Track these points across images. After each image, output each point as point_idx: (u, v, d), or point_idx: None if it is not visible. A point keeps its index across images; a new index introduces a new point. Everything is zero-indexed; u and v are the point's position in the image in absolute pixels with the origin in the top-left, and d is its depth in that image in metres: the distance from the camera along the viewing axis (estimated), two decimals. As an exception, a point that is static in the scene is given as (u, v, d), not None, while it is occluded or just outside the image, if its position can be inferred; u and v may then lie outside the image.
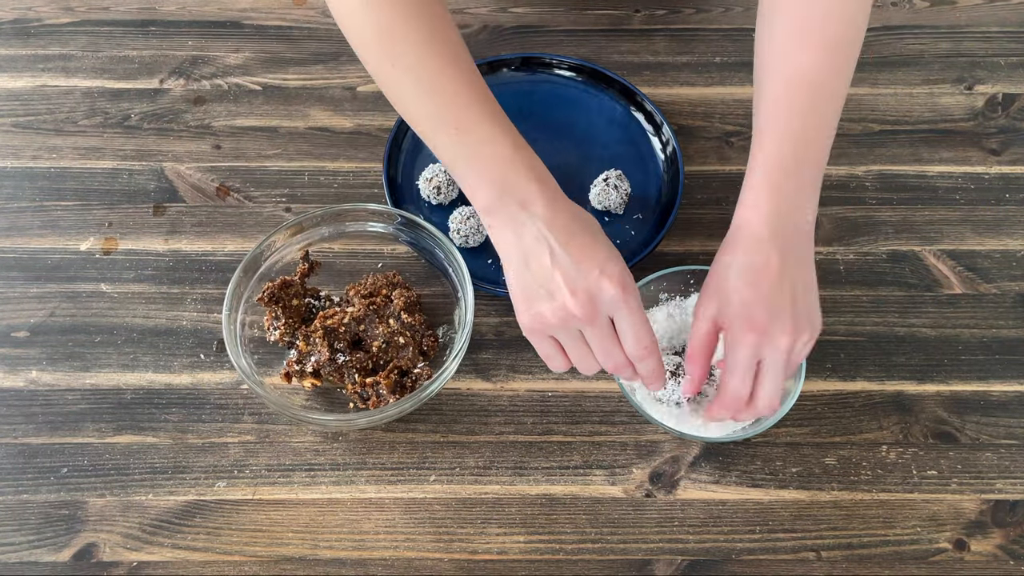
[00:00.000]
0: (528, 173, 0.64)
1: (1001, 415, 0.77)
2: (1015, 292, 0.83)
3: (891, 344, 0.80)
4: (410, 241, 0.81)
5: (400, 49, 0.65)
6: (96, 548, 0.71)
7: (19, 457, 0.75)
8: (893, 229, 0.86)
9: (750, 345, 0.64)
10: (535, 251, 0.62)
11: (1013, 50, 0.97)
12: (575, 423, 0.77)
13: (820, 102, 0.67)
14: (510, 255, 0.64)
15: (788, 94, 0.66)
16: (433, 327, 0.79)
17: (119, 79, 0.95)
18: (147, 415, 0.77)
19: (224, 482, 0.74)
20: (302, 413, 0.72)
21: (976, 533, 0.72)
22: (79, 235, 0.85)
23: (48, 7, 0.99)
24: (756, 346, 0.64)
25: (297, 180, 0.88)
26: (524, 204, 0.63)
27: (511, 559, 0.71)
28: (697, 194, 0.87)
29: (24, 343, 0.80)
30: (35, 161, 0.89)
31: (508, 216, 0.63)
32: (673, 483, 0.74)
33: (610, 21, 0.99)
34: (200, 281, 0.83)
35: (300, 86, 0.94)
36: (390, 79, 0.67)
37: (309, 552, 0.72)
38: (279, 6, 1.00)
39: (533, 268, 0.63)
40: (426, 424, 0.77)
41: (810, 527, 0.73)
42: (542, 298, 0.63)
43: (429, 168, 0.85)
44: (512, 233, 0.63)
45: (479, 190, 0.64)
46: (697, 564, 0.71)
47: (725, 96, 0.94)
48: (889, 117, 0.93)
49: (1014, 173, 0.89)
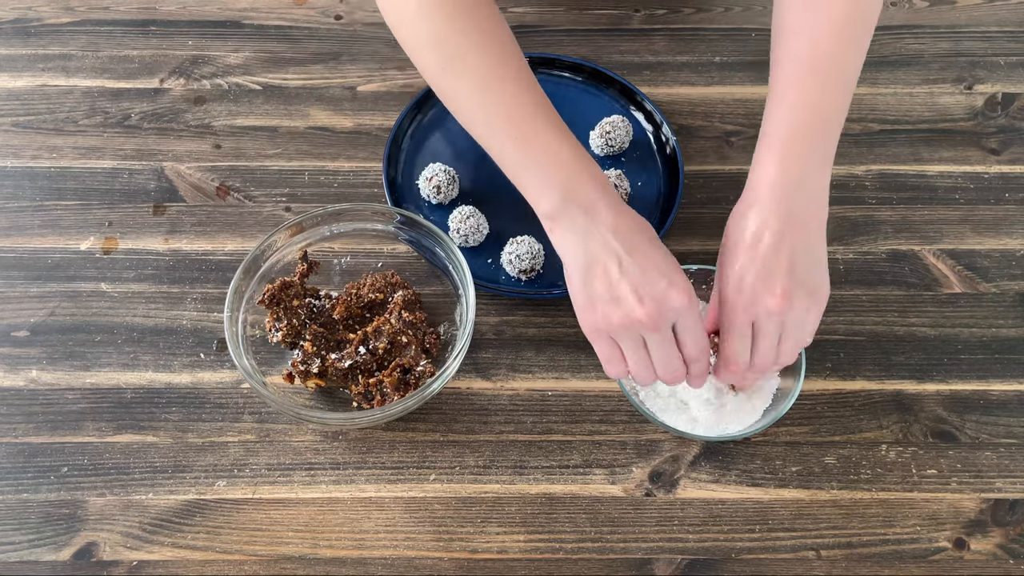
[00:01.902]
0: (590, 180, 0.65)
1: (1001, 414, 0.77)
2: (1015, 291, 0.83)
3: (891, 343, 0.80)
4: (410, 240, 0.81)
5: (455, 56, 0.66)
6: (96, 547, 0.71)
7: (19, 456, 0.75)
8: (893, 229, 0.86)
9: (740, 308, 0.65)
10: (601, 257, 0.64)
11: (1013, 50, 0.97)
12: (575, 422, 0.77)
13: (831, 79, 0.68)
14: (574, 260, 0.65)
15: (799, 71, 0.68)
16: (434, 325, 0.80)
17: (119, 79, 0.95)
18: (147, 414, 0.77)
19: (224, 481, 0.74)
20: (304, 412, 0.72)
21: (976, 532, 0.72)
22: (79, 235, 0.85)
23: (48, 7, 0.99)
24: (748, 308, 0.64)
25: (297, 180, 0.88)
26: (588, 210, 0.64)
27: (511, 558, 0.71)
28: (697, 194, 0.87)
29: (24, 343, 0.80)
30: (35, 161, 0.89)
31: (571, 222, 0.64)
32: (673, 482, 0.74)
33: (610, 21, 0.99)
34: (200, 281, 0.83)
35: (300, 86, 0.94)
36: (447, 86, 0.68)
37: (309, 551, 0.72)
38: (279, 6, 1.00)
39: (599, 273, 0.64)
40: (426, 423, 0.77)
41: (810, 526, 0.73)
42: (609, 303, 0.64)
43: (429, 168, 0.85)
44: (576, 238, 0.64)
45: (542, 196, 0.65)
46: (697, 563, 0.71)
47: (725, 96, 0.94)
48: (889, 117, 0.93)
49: (1014, 173, 0.89)
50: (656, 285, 0.63)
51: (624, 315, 0.63)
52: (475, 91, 0.67)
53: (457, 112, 0.69)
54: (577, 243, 0.64)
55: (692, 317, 0.64)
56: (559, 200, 0.64)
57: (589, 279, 0.64)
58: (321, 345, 0.76)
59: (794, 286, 0.64)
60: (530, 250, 0.80)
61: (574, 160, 0.65)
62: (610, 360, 0.67)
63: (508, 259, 0.81)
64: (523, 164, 0.66)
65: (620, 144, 0.87)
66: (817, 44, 0.68)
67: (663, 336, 0.64)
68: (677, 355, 0.66)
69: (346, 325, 0.78)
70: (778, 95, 0.68)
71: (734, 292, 0.65)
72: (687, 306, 0.63)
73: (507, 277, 0.82)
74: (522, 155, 0.66)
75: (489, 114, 0.67)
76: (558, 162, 0.65)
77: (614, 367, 0.67)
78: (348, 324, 0.78)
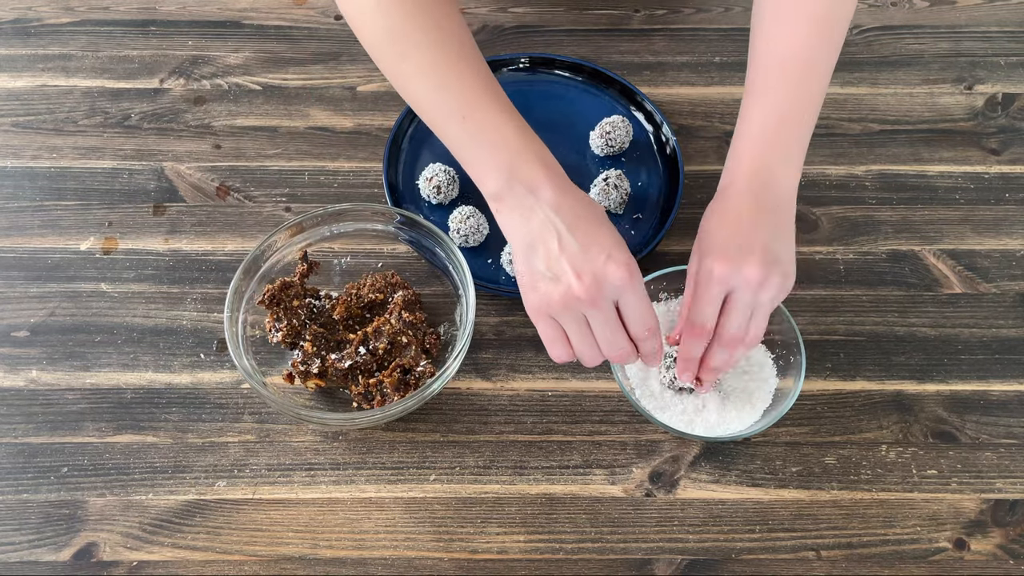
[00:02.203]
0: (535, 159, 0.65)
1: (1001, 414, 0.77)
2: (1015, 292, 0.83)
3: (891, 344, 0.80)
4: (410, 240, 0.81)
5: (409, 47, 0.67)
6: (96, 547, 0.71)
7: (19, 456, 0.75)
8: (893, 229, 0.86)
9: (720, 276, 0.65)
10: (542, 235, 0.64)
11: (1013, 50, 0.97)
12: (575, 423, 0.77)
13: (807, 77, 0.69)
14: (517, 239, 0.65)
15: (776, 69, 0.70)
16: (434, 326, 0.79)
17: (119, 79, 0.95)
18: (147, 415, 0.77)
19: (224, 481, 0.74)
20: (304, 412, 0.72)
21: (976, 532, 0.72)
22: (79, 235, 0.85)
23: (48, 7, 0.99)
24: (726, 278, 0.65)
25: (297, 180, 0.88)
26: (532, 189, 0.64)
27: (511, 558, 0.71)
28: (697, 194, 0.87)
29: (24, 343, 0.80)
30: (35, 161, 0.89)
31: (516, 201, 0.65)
32: (673, 482, 0.74)
33: (610, 21, 0.99)
34: (200, 281, 0.83)
35: (300, 86, 0.94)
36: (401, 76, 0.68)
37: (309, 551, 0.72)
38: (279, 6, 1.00)
39: (540, 251, 0.64)
40: (426, 423, 0.77)
41: (810, 526, 0.73)
42: (548, 280, 0.64)
43: (429, 168, 0.85)
44: (520, 217, 0.65)
45: (487, 176, 0.66)
46: (697, 563, 0.71)
47: (725, 96, 0.94)
48: (889, 117, 0.93)
49: (1014, 173, 0.89)
50: (595, 261, 0.62)
51: (563, 292, 0.63)
52: (427, 75, 0.67)
53: (410, 99, 0.69)
54: (521, 223, 0.65)
55: (635, 293, 0.64)
56: (504, 180, 0.65)
57: (531, 258, 0.64)
58: (321, 345, 0.76)
59: (771, 262, 0.65)
60: (530, 250, 0.80)
61: (519, 139, 0.65)
62: (553, 342, 0.67)
63: (508, 259, 0.81)
64: (469, 144, 0.66)
65: (620, 144, 0.87)
66: (793, 43, 0.69)
67: (604, 313, 0.64)
68: (622, 332, 0.65)
69: (346, 325, 0.78)
70: (755, 92, 0.70)
71: (713, 262, 0.65)
72: (627, 281, 0.63)
73: (507, 277, 0.82)
74: (468, 136, 0.66)
75: (438, 99, 0.67)
76: (503, 142, 0.65)
77: (557, 349, 0.67)
78: (348, 324, 0.79)
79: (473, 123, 0.66)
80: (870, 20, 1.00)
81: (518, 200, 0.64)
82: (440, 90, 0.67)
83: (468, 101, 0.66)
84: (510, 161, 0.65)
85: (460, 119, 0.66)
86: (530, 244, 0.64)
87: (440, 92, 0.67)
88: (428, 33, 0.67)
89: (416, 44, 0.67)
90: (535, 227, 0.64)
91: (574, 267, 0.63)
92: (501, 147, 0.65)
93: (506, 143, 0.65)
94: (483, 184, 0.66)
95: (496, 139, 0.65)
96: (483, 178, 0.66)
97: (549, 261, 0.63)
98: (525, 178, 0.64)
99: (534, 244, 0.64)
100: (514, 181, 0.64)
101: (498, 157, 0.65)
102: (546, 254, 0.64)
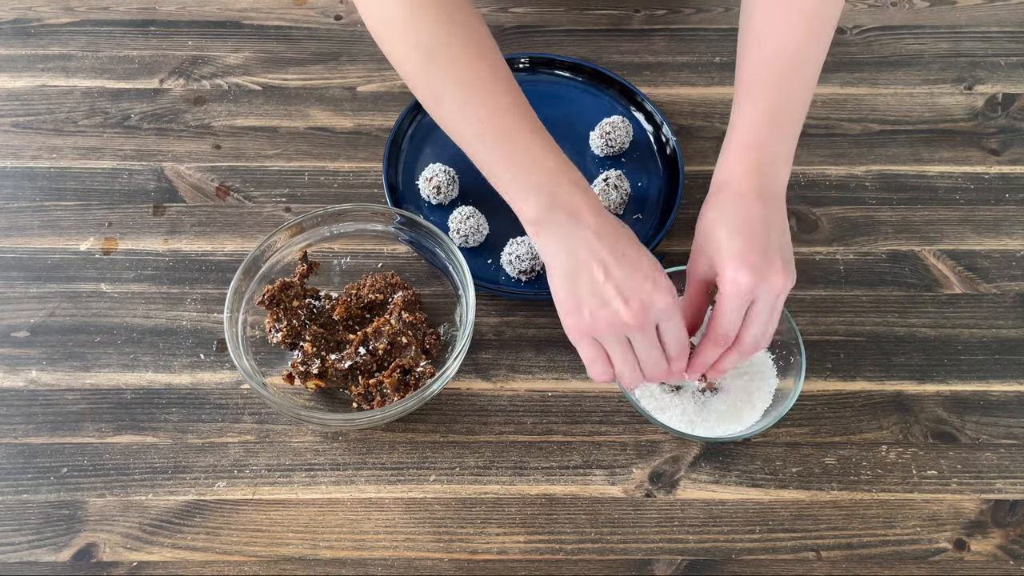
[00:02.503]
0: (573, 185, 0.65)
1: (1001, 415, 0.77)
2: (1015, 292, 0.83)
3: (891, 344, 0.80)
4: (410, 240, 0.81)
5: (439, 66, 0.67)
6: (96, 548, 0.71)
7: (19, 457, 0.75)
8: (893, 229, 0.86)
9: (745, 286, 0.65)
10: (587, 261, 0.64)
11: (1013, 50, 0.97)
12: (575, 423, 0.77)
13: (797, 75, 0.70)
14: (558, 264, 0.66)
15: (767, 67, 0.70)
16: (434, 326, 0.79)
17: (119, 79, 0.95)
18: (147, 415, 0.77)
19: (224, 482, 0.74)
20: (304, 413, 0.72)
21: (976, 533, 0.72)
22: (79, 235, 0.85)
23: (48, 7, 0.99)
24: (751, 287, 0.65)
25: (297, 180, 0.88)
26: (572, 215, 0.64)
27: (511, 559, 0.71)
28: (697, 194, 0.87)
29: (24, 343, 0.80)
30: (35, 161, 0.89)
31: (556, 227, 0.65)
32: (673, 483, 0.74)
33: (610, 21, 0.99)
34: (200, 281, 0.83)
35: (300, 86, 0.94)
36: (430, 94, 0.69)
37: (309, 552, 0.72)
38: (279, 6, 1.00)
39: (583, 277, 0.64)
40: (426, 424, 0.77)
41: (810, 527, 0.73)
42: (596, 305, 0.64)
43: (429, 168, 0.85)
44: (561, 243, 0.65)
45: (527, 202, 0.66)
46: (697, 564, 0.71)
47: (725, 96, 0.94)
48: (889, 117, 0.93)
49: (1014, 173, 0.89)
50: (642, 287, 0.64)
51: (611, 317, 0.64)
52: (456, 98, 0.67)
53: (441, 120, 0.70)
54: (562, 247, 0.65)
55: (675, 317, 0.65)
56: (545, 206, 0.65)
57: (575, 282, 0.65)
58: (321, 346, 0.76)
59: (789, 268, 0.66)
60: (530, 251, 0.80)
61: (557, 165, 0.66)
62: (595, 361, 0.68)
63: (508, 260, 0.81)
64: (506, 169, 0.67)
65: (620, 144, 0.87)
66: (784, 41, 0.70)
67: (649, 337, 0.65)
68: (662, 354, 0.67)
69: (346, 326, 0.78)
70: (745, 92, 0.70)
71: (736, 273, 0.65)
72: (671, 306, 0.64)
73: (507, 278, 0.82)
74: (506, 161, 0.67)
75: (470, 121, 0.67)
76: (539, 166, 0.66)
77: (598, 368, 0.68)
78: (348, 325, 0.79)
79: (509, 148, 0.66)
80: (870, 20, 1.00)
81: (558, 226, 0.65)
82: (471, 109, 0.67)
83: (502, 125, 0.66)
84: (549, 185, 0.65)
85: (492, 141, 0.66)
86: (573, 269, 0.65)
87: (471, 112, 0.67)
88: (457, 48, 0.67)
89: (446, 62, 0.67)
90: (578, 252, 0.64)
91: (621, 293, 0.63)
92: (539, 173, 0.65)
93: (544, 169, 0.65)
94: (521, 210, 0.66)
95: (534, 166, 0.66)
96: (522, 204, 0.66)
97: (595, 286, 0.64)
98: (566, 204, 0.64)
99: (577, 270, 0.65)
100: (555, 208, 0.65)
101: (537, 183, 0.65)
102: (590, 280, 0.64)
